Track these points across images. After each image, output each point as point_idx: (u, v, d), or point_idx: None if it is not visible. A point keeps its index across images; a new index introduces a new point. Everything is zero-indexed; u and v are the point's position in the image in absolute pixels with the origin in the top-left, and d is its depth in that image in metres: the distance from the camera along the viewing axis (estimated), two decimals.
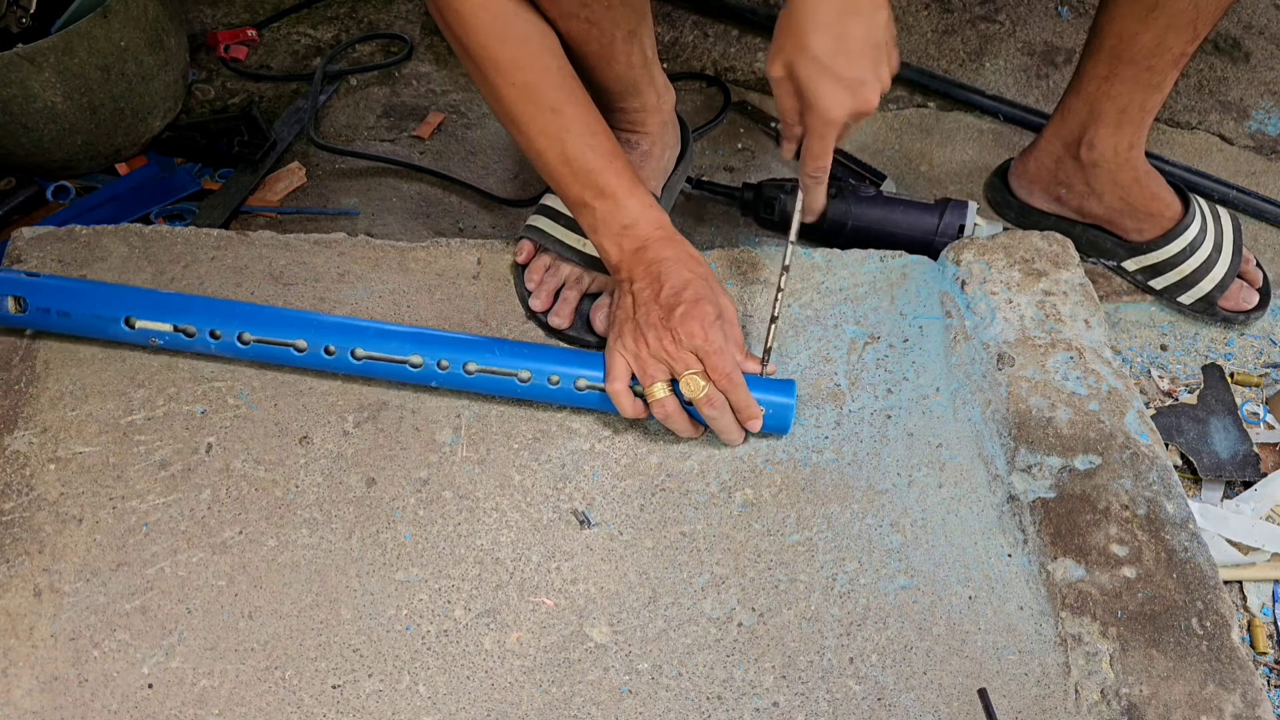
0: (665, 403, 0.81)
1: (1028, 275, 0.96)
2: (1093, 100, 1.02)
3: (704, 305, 0.81)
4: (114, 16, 1.09)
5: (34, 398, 0.86)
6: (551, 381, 0.84)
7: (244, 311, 0.85)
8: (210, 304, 0.86)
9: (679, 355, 0.80)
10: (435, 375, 0.85)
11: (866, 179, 1.21)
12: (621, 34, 0.87)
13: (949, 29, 1.44)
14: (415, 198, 1.20)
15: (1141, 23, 0.94)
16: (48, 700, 0.71)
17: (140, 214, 1.15)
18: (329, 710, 0.71)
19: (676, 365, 0.81)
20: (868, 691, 0.73)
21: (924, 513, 0.82)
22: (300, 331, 0.85)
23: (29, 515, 0.79)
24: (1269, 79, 1.38)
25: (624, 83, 0.92)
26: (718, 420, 0.82)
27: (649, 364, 0.81)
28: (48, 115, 1.09)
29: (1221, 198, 1.20)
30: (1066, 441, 0.84)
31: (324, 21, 1.44)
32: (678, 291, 0.82)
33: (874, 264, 0.99)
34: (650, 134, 1.00)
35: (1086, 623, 0.75)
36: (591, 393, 0.84)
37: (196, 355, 0.88)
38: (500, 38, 0.80)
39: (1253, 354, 1.08)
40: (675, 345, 0.80)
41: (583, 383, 0.84)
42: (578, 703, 0.72)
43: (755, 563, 0.79)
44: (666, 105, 1.00)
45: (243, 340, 0.84)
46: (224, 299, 0.88)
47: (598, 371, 0.84)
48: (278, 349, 0.85)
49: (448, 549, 0.80)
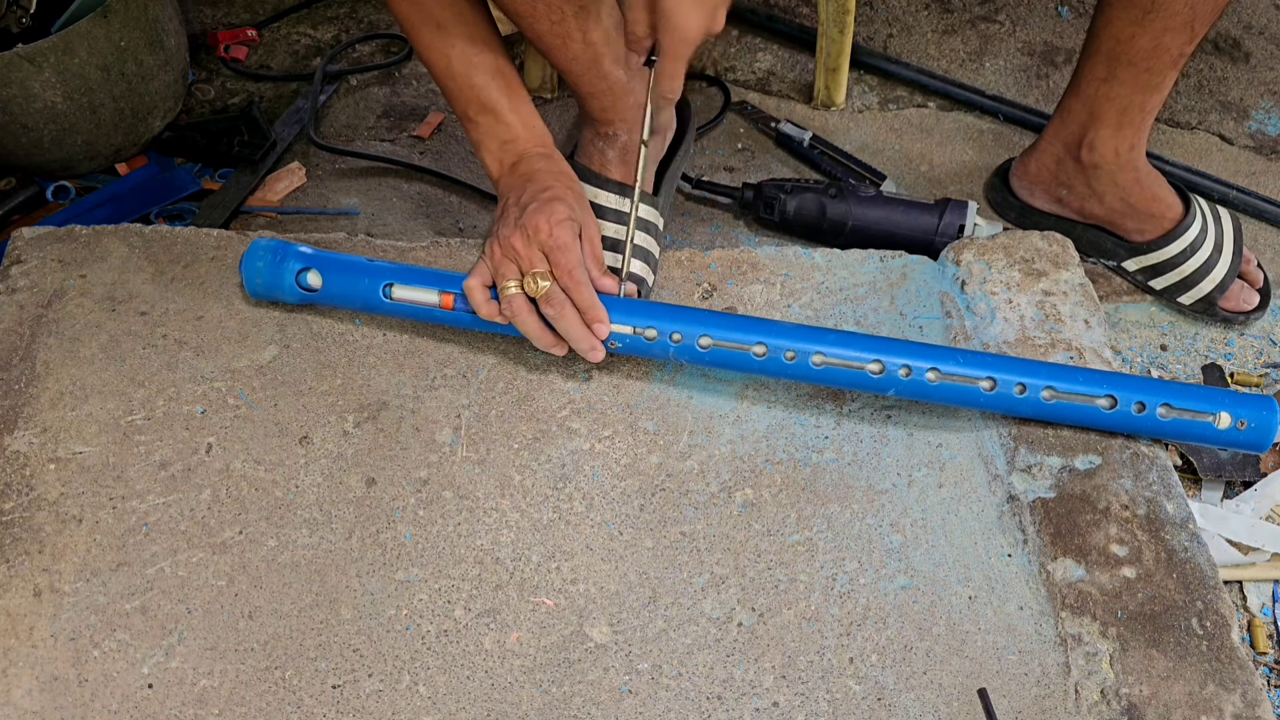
0: (513, 300, 0.81)
1: (1028, 275, 0.96)
2: (1092, 102, 1.02)
3: (556, 205, 0.81)
4: (114, 16, 1.09)
5: (34, 398, 0.86)
6: (1019, 391, 0.81)
7: (705, 318, 0.84)
8: (669, 310, 0.85)
9: (527, 253, 0.80)
10: (897, 383, 0.82)
11: (866, 179, 1.21)
12: (572, 10, 0.85)
13: (949, 29, 1.44)
14: (415, 198, 1.20)
15: (1138, 24, 0.94)
16: (48, 700, 0.71)
17: (140, 214, 1.15)
18: (329, 710, 0.71)
19: (523, 263, 0.80)
20: (868, 691, 0.73)
21: (924, 513, 0.82)
22: (758, 335, 0.83)
23: (29, 515, 0.79)
24: (1269, 79, 1.38)
25: (584, 63, 0.90)
26: (559, 320, 0.81)
27: (501, 263, 0.81)
28: (48, 115, 1.09)
29: (1221, 198, 1.20)
30: (1066, 441, 0.84)
31: (324, 21, 1.44)
32: (535, 194, 0.82)
33: (874, 264, 0.99)
34: (625, 121, 0.95)
35: (1086, 623, 0.75)
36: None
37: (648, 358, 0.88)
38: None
39: (1253, 354, 1.08)
40: (524, 242, 0.80)
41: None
42: (578, 703, 0.72)
43: (755, 563, 0.79)
44: (640, 87, 0.94)
45: (701, 345, 0.83)
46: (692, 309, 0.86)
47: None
48: (736, 353, 0.83)
49: (448, 549, 0.80)
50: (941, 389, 0.81)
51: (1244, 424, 0.79)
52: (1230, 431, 0.80)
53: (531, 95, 1.32)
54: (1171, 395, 0.80)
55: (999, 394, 0.81)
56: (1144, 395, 0.80)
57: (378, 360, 0.90)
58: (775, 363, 0.82)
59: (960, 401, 0.82)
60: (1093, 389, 0.81)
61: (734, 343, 0.83)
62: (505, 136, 0.86)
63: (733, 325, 0.83)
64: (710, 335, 0.83)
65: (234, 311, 0.93)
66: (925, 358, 0.81)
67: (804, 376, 0.83)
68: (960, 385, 0.81)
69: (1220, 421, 0.79)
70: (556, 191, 0.82)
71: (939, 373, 0.81)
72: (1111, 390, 0.80)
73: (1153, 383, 0.82)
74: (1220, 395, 0.81)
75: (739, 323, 0.84)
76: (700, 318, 0.84)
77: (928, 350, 0.82)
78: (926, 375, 0.81)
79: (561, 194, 0.82)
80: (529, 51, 1.30)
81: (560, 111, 1.30)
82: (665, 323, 0.83)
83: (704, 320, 0.84)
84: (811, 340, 0.82)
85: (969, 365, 0.81)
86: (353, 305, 0.89)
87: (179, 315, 0.92)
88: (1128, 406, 0.80)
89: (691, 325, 0.83)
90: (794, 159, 1.26)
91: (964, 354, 0.82)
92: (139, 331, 0.91)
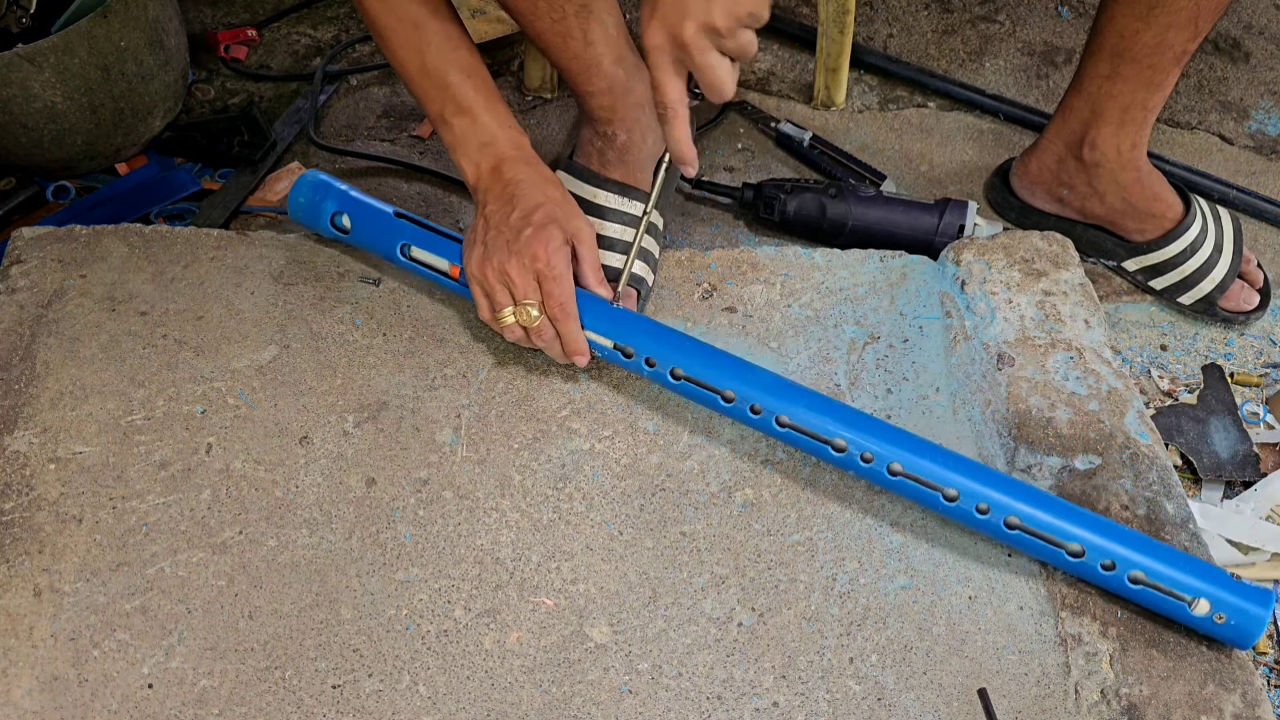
0: (513, 329, 0.83)
1: (1028, 275, 0.96)
2: (1095, 99, 1.02)
3: (551, 229, 0.81)
4: (114, 16, 1.09)
5: (34, 398, 0.86)
6: (980, 510, 0.74)
7: (685, 347, 0.82)
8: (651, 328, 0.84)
9: (521, 282, 0.81)
10: (855, 466, 0.77)
11: (866, 179, 1.21)
12: (573, 9, 0.85)
13: (949, 29, 1.44)
14: (415, 198, 1.20)
15: (1142, 20, 0.94)
16: (48, 700, 0.71)
17: (140, 214, 1.14)
18: (329, 710, 0.71)
19: (516, 291, 0.81)
20: (868, 691, 0.73)
21: (924, 513, 0.82)
22: (728, 380, 0.80)
23: (29, 515, 0.79)
24: (1269, 79, 1.38)
25: (584, 62, 0.90)
26: (547, 349, 0.84)
27: (496, 289, 0.82)
28: (48, 115, 1.09)
29: (1221, 198, 1.20)
30: (1066, 441, 0.84)
31: (324, 21, 1.44)
32: (527, 214, 0.81)
33: (874, 264, 0.99)
34: (626, 120, 0.95)
35: (1086, 623, 0.75)
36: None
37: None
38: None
39: (1253, 354, 1.08)
40: (520, 270, 0.80)
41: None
42: (578, 703, 0.72)
43: (755, 563, 0.79)
44: (640, 86, 0.94)
45: (674, 375, 0.82)
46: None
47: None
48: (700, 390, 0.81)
49: (448, 549, 0.80)
50: (900, 484, 0.76)
51: (1222, 618, 0.70)
52: (1206, 620, 0.71)
53: (531, 95, 1.32)
54: (1154, 559, 0.72)
55: (958, 507, 0.75)
56: (1116, 554, 0.72)
57: (378, 360, 0.90)
58: (739, 412, 0.80)
59: (919, 502, 0.77)
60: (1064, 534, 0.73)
61: (705, 383, 0.81)
62: (483, 139, 0.84)
63: (709, 363, 0.81)
64: (683, 368, 0.81)
65: (234, 311, 0.93)
66: (894, 445, 0.76)
67: (767, 432, 0.80)
68: (920, 487, 0.76)
69: (1197, 608, 0.70)
70: (549, 211, 0.82)
71: (901, 468, 0.76)
72: (1082, 538, 0.73)
73: (1133, 540, 0.73)
74: (1209, 574, 0.71)
75: (716, 361, 0.81)
76: (680, 346, 0.82)
77: (900, 438, 0.77)
78: (889, 466, 0.76)
79: (553, 213, 0.82)
80: (529, 51, 1.30)
81: (560, 111, 1.30)
82: (644, 344, 0.83)
83: (682, 349, 0.82)
84: (783, 399, 0.79)
85: (941, 465, 0.75)
86: (376, 253, 0.94)
87: (179, 315, 0.92)
88: (1095, 563, 0.72)
89: (669, 352, 0.82)
90: (794, 159, 1.26)
91: (940, 453, 0.76)
92: (139, 331, 0.91)
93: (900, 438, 0.77)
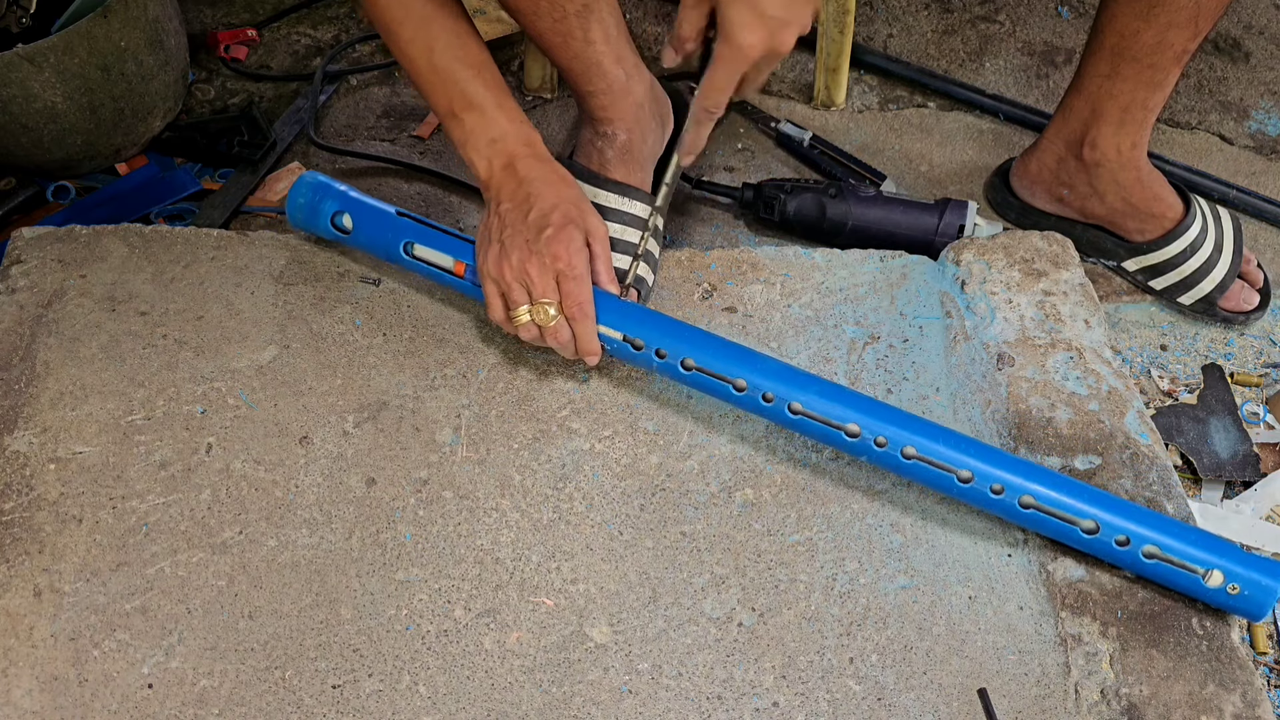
0: (530, 328, 0.83)
1: (1028, 275, 0.96)
2: (1095, 99, 1.02)
3: (571, 230, 0.81)
4: (114, 16, 1.09)
5: (34, 398, 0.86)
6: (994, 490, 0.75)
7: (694, 339, 0.82)
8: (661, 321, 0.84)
9: (540, 281, 0.80)
10: (869, 452, 0.78)
11: (866, 179, 1.21)
12: (574, 8, 0.85)
13: (949, 29, 1.44)
14: (415, 197, 1.20)
15: (1143, 20, 0.94)
16: (48, 700, 0.71)
17: (140, 214, 1.14)
18: (329, 710, 0.71)
19: (534, 290, 0.81)
20: (868, 691, 0.73)
21: (924, 513, 0.82)
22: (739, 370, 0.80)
23: (29, 515, 0.79)
24: (1269, 79, 1.38)
25: (584, 62, 0.89)
26: (560, 349, 0.84)
27: (514, 288, 0.81)
28: (48, 115, 1.09)
29: (1221, 198, 1.20)
30: (1066, 441, 0.84)
31: (324, 21, 1.44)
32: (546, 214, 0.81)
33: (874, 264, 0.99)
34: (624, 120, 0.95)
35: (1086, 623, 0.75)
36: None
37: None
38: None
39: (1253, 354, 1.07)
40: (539, 269, 0.80)
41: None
42: (578, 703, 0.72)
43: (755, 563, 0.79)
44: (639, 87, 0.94)
45: (685, 366, 0.82)
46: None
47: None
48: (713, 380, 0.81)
49: (448, 549, 0.80)
50: (914, 468, 0.76)
51: (1235, 589, 0.71)
52: (1219, 592, 0.72)
53: (531, 95, 1.32)
54: (1166, 534, 0.73)
55: (973, 488, 0.76)
56: (1129, 530, 0.73)
57: (378, 360, 0.90)
58: (751, 401, 0.80)
59: (932, 485, 0.78)
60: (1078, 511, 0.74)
61: (716, 372, 0.81)
62: (494, 134, 0.84)
63: (719, 353, 0.81)
64: (694, 359, 0.81)
65: (234, 311, 0.93)
66: (907, 430, 0.77)
67: (779, 420, 0.80)
68: (935, 470, 0.76)
69: (1211, 580, 0.72)
70: (566, 211, 0.81)
71: (915, 451, 0.76)
72: (1096, 515, 0.74)
73: (1145, 516, 0.74)
74: (1221, 548, 0.73)
75: (726, 351, 0.81)
76: (690, 338, 0.82)
77: (913, 423, 0.77)
78: (903, 450, 0.76)
79: (570, 214, 0.81)
80: (529, 51, 1.30)
81: (560, 111, 1.30)
82: (654, 336, 0.82)
83: (692, 341, 0.82)
84: (794, 386, 0.79)
85: (954, 448, 0.76)
86: (377, 254, 0.92)
87: (179, 315, 0.92)
88: (1109, 539, 0.73)
89: (679, 344, 0.82)
90: (794, 159, 1.26)
91: (953, 436, 0.77)
92: (139, 331, 0.91)
93: (913, 422, 0.78)
